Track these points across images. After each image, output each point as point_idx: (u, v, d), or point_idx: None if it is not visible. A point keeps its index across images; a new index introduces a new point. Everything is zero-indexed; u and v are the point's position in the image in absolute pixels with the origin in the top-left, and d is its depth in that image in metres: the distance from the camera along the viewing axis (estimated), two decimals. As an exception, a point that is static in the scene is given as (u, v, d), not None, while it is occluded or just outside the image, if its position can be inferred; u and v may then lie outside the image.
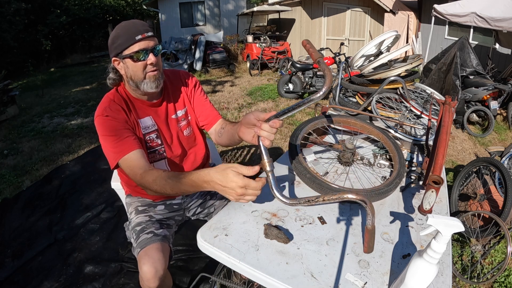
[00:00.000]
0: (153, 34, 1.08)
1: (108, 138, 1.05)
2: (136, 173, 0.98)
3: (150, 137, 1.19)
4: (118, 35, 1.05)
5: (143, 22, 1.09)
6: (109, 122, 1.07)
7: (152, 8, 11.43)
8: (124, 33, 1.05)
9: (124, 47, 1.04)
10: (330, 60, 5.28)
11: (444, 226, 0.59)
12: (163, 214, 1.31)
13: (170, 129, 1.23)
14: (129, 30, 1.05)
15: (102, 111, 1.09)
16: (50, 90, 6.67)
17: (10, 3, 8.85)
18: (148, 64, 1.07)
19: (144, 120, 1.17)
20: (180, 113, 1.26)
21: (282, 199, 0.78)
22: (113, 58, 1.10)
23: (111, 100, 1.12)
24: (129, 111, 1.14)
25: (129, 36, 1.04)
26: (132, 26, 1.06)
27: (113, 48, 1.07)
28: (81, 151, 3.43)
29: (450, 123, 1.15)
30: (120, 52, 1.05)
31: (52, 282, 1.72)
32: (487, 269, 1.87)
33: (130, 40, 1.03)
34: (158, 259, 1.08)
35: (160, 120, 1.21)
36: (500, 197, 2.23)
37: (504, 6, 5.08)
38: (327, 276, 0.75)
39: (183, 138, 1.27)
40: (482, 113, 4.30)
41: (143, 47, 1.05)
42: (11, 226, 2.22)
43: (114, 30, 1.08)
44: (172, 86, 1.25)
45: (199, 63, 7.93)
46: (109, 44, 1.09)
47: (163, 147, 1.21)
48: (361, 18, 9.61)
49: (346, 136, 1.38)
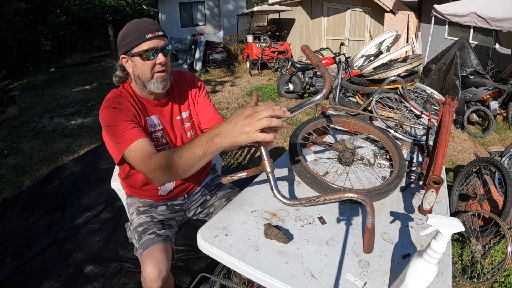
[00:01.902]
0: (164, 33, 1.08)
1: (113, 128, 1.01)
2: (144, 158, 0.93)
3: (156, 135, 1.18)
4: (128, 33, 1.04)
5: (154, 21, 1.08)
6: (116, 113, 1.04)
7: (152, 8, 11.43)
8: (134, 31, 1.04)
9: (134, 44, 1.03)
10: (330, 60, 5.27)
11: (444, 226, 0.59)
12: (165, 214, 1.31)
13: (174, 130, 1.23)
14: (139, 28, 1.04)
15: (109, 103, 1.07)
16: (50, 90, 6.67)
17: (10, 3, 8.85)
18: (157, 63, 1.06)
19: (151, 118, 1.17)
20: (185, 115, 1.26)
21: (282, 200, 0.78)
22: (121, 55, 1.08)
23: (118, 95, 1.12)
24: (137, 107, 1.13)
25: (140, 34, 1.02)
26: (142, 24, 1.05)
27: (122, 46, 1.06)
28: (81, 151, 3.43)
29: (450, 123, 1.15)
30: (129, 50, 1.04)
31: (52, 282, 1.72)
32: (487, 269, 1.87)
33: (140, 38, 1.02)
34: (162, 260, 1.07)
35: (165, 120, 1.20)
36: (500, 197, 2.23)
37: (504, 6, 5.08)
38: (327, 276, 0.75)
39: (187, 139, 1.26)
40: (482, 113, 4.30)
41: (153, 46, 1.03)
42: (11, 226, 2.22)
43: (125, 27, 1.07)
44: (177, 87, 1.25)
45: (199, 63, 7.92)
46: (118, 41, 1.08)
47: (168, 147, 1.20)
48: (361, 18, 9.61)
49: (346, 136, 1.38)
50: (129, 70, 1.10)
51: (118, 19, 14.69)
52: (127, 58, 1.08)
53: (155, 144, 1.17)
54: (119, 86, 1.17)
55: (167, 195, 1.31)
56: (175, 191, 1.31)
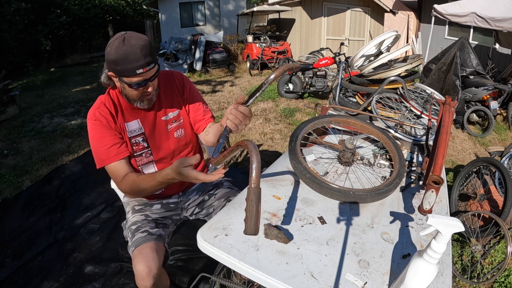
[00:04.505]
0: (152, 59, 1.02)
1: (95, 143, 1.11)
2: (116, 181, 1.13)
3: (136, 140, 1.19)
4: (117, 61, 0.98)
5: (142, 45, 0.98)
6: (97, 129, 1.11)
7: (152, 8, 11.43)
8: (123, 61, 0.97)
9: (123, 75, 1.01)
10: (330, 60, 5.27)
11: (444, 226, 0.59)
12: (159, 213, 1.32)
13: (158, 131, 1.23)
14: (129, 59, 0.97)
15: (91, 115, 1.12)
16: (50, 90, 6.67)
17: (10, 3, 8.85)
18: (145, 90, 1.08)
19: (131, 124, 1.18)
20: (172, 115, 1.25)
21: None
22: (109, 72, 1.05)
23: (102, 103, 1.14)
24: (116, 115, 1.15)
25: (130, 68, 0.98)
26: (131, 54, 0.97)
27: (110, 67, 1.02)
28: (81, 151, 3.43)
29: (450, 123, 1.15)
30: (119, 76, 1.03)
31: (52, 282, 1.72)
32: (487, 269, 1.87)
33: (130, 72, 0.99)
34: (152, 258, 1.08)
35: (148, 123, 1.21)
36: (500, 197, 2.23)
37: (504, 6, 5.08)
38: (327, 276, 0.75)
39: (174, 140, 1.26)
40: (482, 113, 4.30)
41: (142, 78, 1.02)
42: (11, 226, 2.22)
43: (112, 50, 0.98)
44: (165, 88, 1.24)
45: (199, 63, 7.92)
46: (106, 57, 1.02)
47: (149, 150, 1.22)
48: (361, 18, 9.61)
49: (346, 136, 1.38)
50: (117, 85, 1.11)
51: (118, 19, 14.69)
52: (117, 78, 1.05)
53: (136, 148, 1.20)
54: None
55: (160, 193, 1.32)
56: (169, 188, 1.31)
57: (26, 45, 10.14)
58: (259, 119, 4.41)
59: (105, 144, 1.10)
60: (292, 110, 4.76)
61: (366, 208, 1.02)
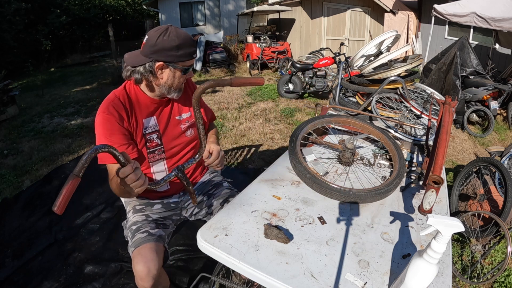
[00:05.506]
0: None
1: (103, 139, 1.09)
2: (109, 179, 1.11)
3: (151, 137, 1.20)
4: (180, 46, 1.06)
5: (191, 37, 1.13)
6: (108, 123, 1.08)
7: (152, 8, 11.43)
8: (184, 46, 1.07)
9: (183, 59, 1.09)
10: (330, 60, 5.27)
11: (444, 226, 0.59)
12: (160, 213, 1.32)
13: (172, 129, 1.25)
14: (187, 43, 1.08)
15: (104, 108, 1.10)
16: (50, 90, 6.67)
17: (10, 3, 8.84)
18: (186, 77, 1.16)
19: (147, 120, 1.19)
20: (185, 116, 1.28)
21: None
22: (161, 62, 1.06)
23: (116, 97, 1.13)
24: (131, 110, 1.14)
25: (189, 51, 1.09)
26: (189, 40, 1.09)
27: (169, 55, 1.05)
28: (81, 151, 3.43)
29: (450, 123, 1.15)
30: (175, 62, 1.08)
31: (52, 282, 1.72)
32: (487, 269, 1.87)
33: (189, 56, 1.10)
34: (151, 258, 1.08)
35: (163, 120, 1.23)
36: (500, 197, 2.23)
37: (504, 6, 5.08)
38: (327, 276, 0.75)
39: (185, 139, 1.30)
40: (482, 113, 4.30)
41: (190, 64, 1.13)
42: (11, 226, 2.22)
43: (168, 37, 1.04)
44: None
45: (199, 63, 7.92)
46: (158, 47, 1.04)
47: (162, 147, 1.24)
48: (361, 18, 9.61)
49: (346, 136, 1.38)
50: (161, 77, 1.10)
51: (118, 19, 14.71)
52: (167, 67, 1.09)
53: (149, 145, 1.20)
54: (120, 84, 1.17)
55: (163, 192, 1.33)
56: (171, 188, 1.34)
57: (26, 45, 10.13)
58: (259, 119, 4.41)
59: (113, 143, 1.07)
60: (292, 110, 4.76)
61: (366, 208, 1.02)
